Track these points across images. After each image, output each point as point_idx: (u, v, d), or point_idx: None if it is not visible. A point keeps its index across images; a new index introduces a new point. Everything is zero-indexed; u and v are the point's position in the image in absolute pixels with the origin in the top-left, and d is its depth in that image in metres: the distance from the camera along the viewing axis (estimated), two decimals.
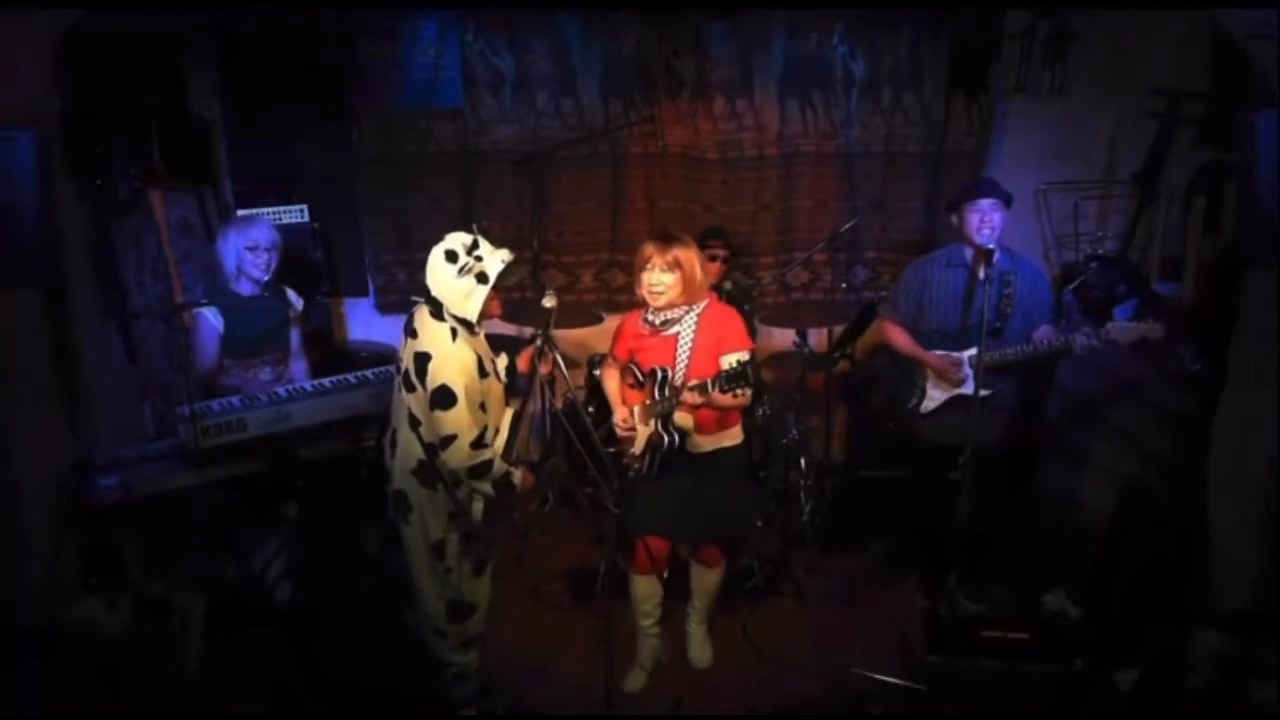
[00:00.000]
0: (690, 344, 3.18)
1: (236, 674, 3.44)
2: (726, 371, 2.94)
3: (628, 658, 3.54)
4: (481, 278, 2.77)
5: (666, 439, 3.15)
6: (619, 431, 3.30)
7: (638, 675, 3.55)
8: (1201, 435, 3.43)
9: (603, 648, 3.00)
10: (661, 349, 3.22)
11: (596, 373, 4.31)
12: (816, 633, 3.83)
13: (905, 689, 3.38)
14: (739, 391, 2.96)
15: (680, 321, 3.20)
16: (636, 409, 3.25)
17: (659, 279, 3.13)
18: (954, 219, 3.64)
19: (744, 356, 3.09)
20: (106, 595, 3.45)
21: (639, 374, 3.27)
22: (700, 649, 3.68)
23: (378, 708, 3.38)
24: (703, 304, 3.23)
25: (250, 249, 3.70)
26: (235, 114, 4.61)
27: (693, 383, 3.07)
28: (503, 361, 3.18)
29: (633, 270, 3.26)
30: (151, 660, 3.41)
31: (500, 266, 2.79)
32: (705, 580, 3.57)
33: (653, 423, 3.16)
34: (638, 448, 3.21)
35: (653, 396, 3.18)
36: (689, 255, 3.15)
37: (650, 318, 3.25)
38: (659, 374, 3.17)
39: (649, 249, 3.15)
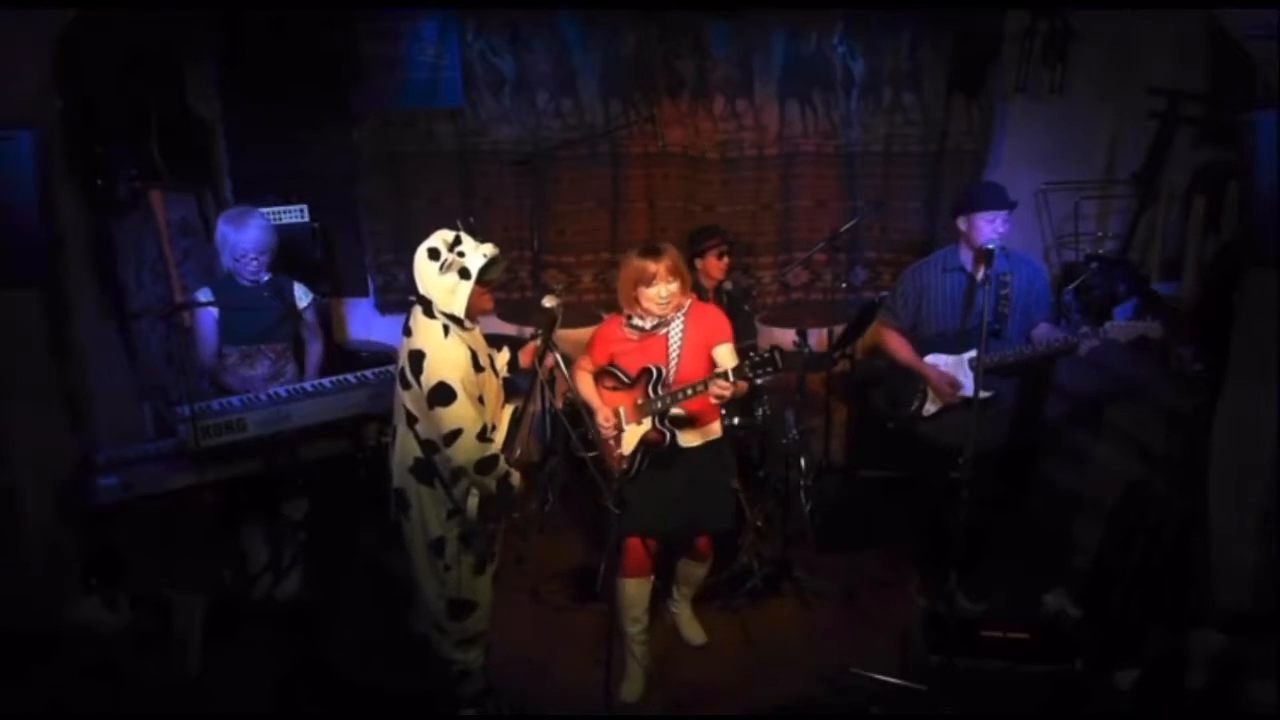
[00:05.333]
0: (680, 342, 3.23)
1: (236, 674, 3.44)
2: (756, 358, 2.93)
3: (622, 666, 3.47)
4: (464, 273, 2.77)
5: (668, 435, 3.22)
6: (603, 431, 3.27)
7: (635, 682, 3.49)
8: (1201, 435, 3.43)
9: (603, 648, 3.00)
10: (653, 349, 3.25)
11: None
12: (816, 633, 3.83)
13: (905, 689, 3.38)
14: (764, 373, 2.96)
15: (671, 323, 3.23)
16: (623, 409, 3.27)
17: (667, 291, 3.13)
18: (961, 223, 3.57)
19: (762, 348, 3.05)
20: (106, 595, 3.45)
21: (623, 376, 3.29)
22: (690, 627, 3.77)
23: (379, 708, 3.38)
24: (688, 302, 3.27)
25: (238, 259, 3.63)
26: (235, 114, 4.61)
27: (719, 371, 3.04)
28: (504, 356, 3.18)
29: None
30: (151, 660, 3.41)
31: (482, 261, 2.79)
32: (695, 573, 3.63)
33: (649, 420, 3.21)
34: (626, 448, 3.25)
35: (646, 395, 3.22)
36: (679, 258, 3.18)
37: (638, 323, 3.25)
38: (654, 372, 3.21)
39: (650, 266, 3.11)
